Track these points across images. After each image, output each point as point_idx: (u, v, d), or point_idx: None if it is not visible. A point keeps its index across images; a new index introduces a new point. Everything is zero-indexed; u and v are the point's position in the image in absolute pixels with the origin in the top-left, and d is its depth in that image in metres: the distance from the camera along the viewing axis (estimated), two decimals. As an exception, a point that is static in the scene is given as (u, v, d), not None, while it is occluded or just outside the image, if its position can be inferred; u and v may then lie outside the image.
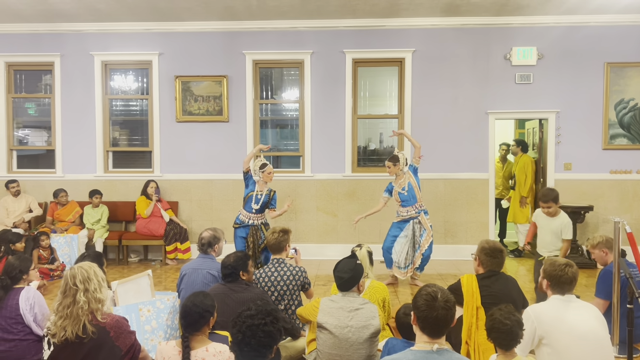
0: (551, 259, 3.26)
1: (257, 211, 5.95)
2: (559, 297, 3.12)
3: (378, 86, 8.25)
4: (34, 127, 8.48)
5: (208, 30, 7.87)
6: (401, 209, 6.24)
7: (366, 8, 7.23)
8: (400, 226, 6.25)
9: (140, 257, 7.99)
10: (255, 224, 5.94)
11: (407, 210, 6.20)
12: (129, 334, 2.95)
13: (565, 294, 3.12)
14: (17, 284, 3.61)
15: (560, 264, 3.13)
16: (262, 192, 5.99)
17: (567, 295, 3.12)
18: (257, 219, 5.97)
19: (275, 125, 8.40)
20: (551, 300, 3.15)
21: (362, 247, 4.22)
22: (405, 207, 6.20)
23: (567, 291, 3.12)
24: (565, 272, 3.09)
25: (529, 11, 7.35)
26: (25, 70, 8.27)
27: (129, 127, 8.37)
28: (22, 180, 7.88)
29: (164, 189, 7.96)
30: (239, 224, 6.00)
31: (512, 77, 7.71)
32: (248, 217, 5.95)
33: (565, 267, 3.11)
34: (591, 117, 7.67)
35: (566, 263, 3.15)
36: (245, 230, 5.96)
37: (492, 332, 2.72)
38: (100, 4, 7.07)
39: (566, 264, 3.13)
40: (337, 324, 3.27)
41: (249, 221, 5.94)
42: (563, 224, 5.16)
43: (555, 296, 3.13)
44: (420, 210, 6.22)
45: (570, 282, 3.10)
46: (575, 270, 3.14)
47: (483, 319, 3.40)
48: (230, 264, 3.77)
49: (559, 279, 3.10)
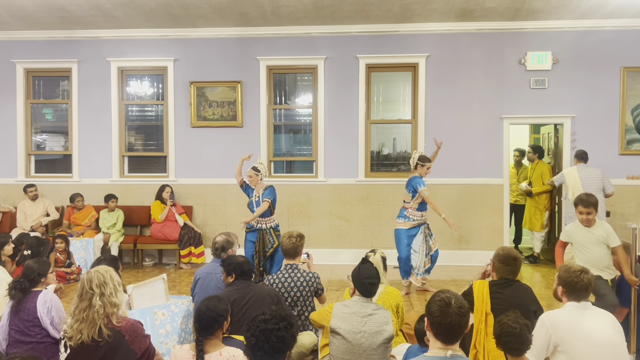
0: (565, 265, 3.23)
1: (262, 215, 6.06)
2: (575, 303, 3.08)
3: (391, 91, 8.25)
4: (51, 132, 8.62)
5: (222, 36, 7.94)
6: (416, 212, 6.14)
7: (380, 13, 7.25)
8: (412, 233, 6.16)
9: (154, 261, 8.06)
10: (263, 227, 6.05)
11: (421, 214, 6.16)
12: (144, 338, 2.98)
13: (580, 300, 3.08)
14: (35, 287, 3.66)
15: (575, 270, 3.11)
16: (259, 195, 6.12)
17: (582, 302, 3.08)
18: (265, 223, 6.08)
19: (289, 131, 8.43)
20: (567, 307, 3.11)
21: (376, 253, 4.21)
22: (420, 212, 6.17)
23: (582, 298, 3.08)
24: (581, 279, 3.06)
25: (543, 16, 7.31)
26: (43, 76, 8.40)
27: (144, 132, 8.46)
28: (39, 185, 8.00)
29: (179, 193, 8.02)
30: (249, 229, 6.12)
31: (526, 81, 7.66)
32: (256, 222, 6.07)
33: (580, 273, 3.08)
34: (607, 122, 7.59)
35: (581, 269, 3.12)
36: (254, 234, 6.08)
37: (502, 338, 2.69)
38: (117, 11, 7.18)
39: (581, 270, 3.11)
40: (350, 329, 3.27)
41: (257, 225, 6.07)
42: (607, 231, 4.48)
43: (571, 303, 3.10)
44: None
45: (586, 289, 3.07)
46: (591, 277, 3.11)
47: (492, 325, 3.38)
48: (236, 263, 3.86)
49: (574, 285, 3.06)
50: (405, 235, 6.15)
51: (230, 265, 3.86)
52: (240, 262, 3.86)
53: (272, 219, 6.13)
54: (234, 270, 3.82)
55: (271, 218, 6.12)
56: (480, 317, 3.51)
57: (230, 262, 3.90)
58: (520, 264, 3.66)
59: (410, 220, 6.15)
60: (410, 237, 6.14)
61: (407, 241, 6.14)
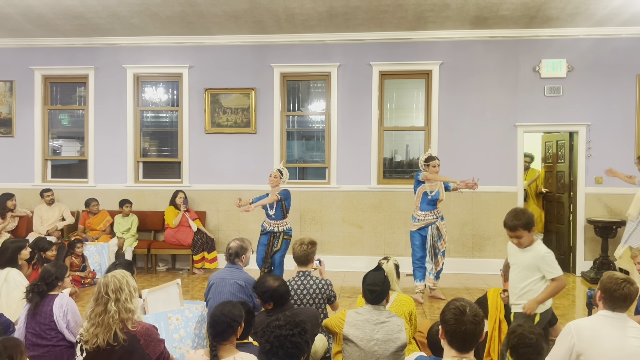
0: (611, 272, 3.03)
1: (274, 217, 6.20)
2: (608, 313, 2.91)
3: (405, 98, 8.25)
4: (67, 137, 8.73)
5: (237, 43, 8.01)
6: (419, 212, 6.22)
7: (393, 21, 7.27)
8: (421, 233, 6.24)
9: (168, 266, 8.11)
10: (275, 230, 6.18)
11: (425, 214, 6.19)
12: (159, 342, 3.00)
13: (615, 310, 2.89)
14: (52, 291, 3.70)
15: (617, 278, 2.92)
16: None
17: (617, 312, 2.89)
18: (277, 226, 6.22)
19: (302, 137, 8.47)
20: (597, 315, 2.96)
21: (389, 260, 4.21)
22: (423, 212, 6.20)
23: (618, 308, 2.89)
24: (621, 287, 2.86)
25: (558, 23, 7.28)
26: (60, 82, 8.53)
27: (159, 138, 8.54)
28: (55, 189, 8.10)
29: (192, 199, 8.08)
30: (262, 231, 6.30)
31: (541, 89, 7.63)
32: (269, 224, 6.24)
33: (623, 282, 2.90)
34: (623, 131, 7.52)
35: (625, 279, 2.93)
36: (266, 237, 6.25)
37: (519, 349, 2.65)
38: (134, 18, 7.27)
39: (625, 280, 2.92)
40: (363, 336, 3.26)
41: (269, 227, 6.22)
42: (540, 258, 3.53)
43: (603, 312, 2.93)
44: (438, 216, 6.25)
45: (624, 299, 2.88)
46: (635, 289, 2.90)
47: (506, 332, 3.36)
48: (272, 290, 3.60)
49: (613, 292, 2.87)
50: (416, 235, 6.26)
51: (265, 294, 3.58)
52: (274, 288, 3.58)
53: (285, 222, 6.23)
54: (270, 298, 3.59)
55: (284, 221, 6.22)
56: (494, 324, 3.50)
57: (263, 290, 3.60)
58: None
59: (416, 221, 6.26)
60: (422, 237, 6.22)
61: (418, 242, 6.24)
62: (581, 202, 7.60)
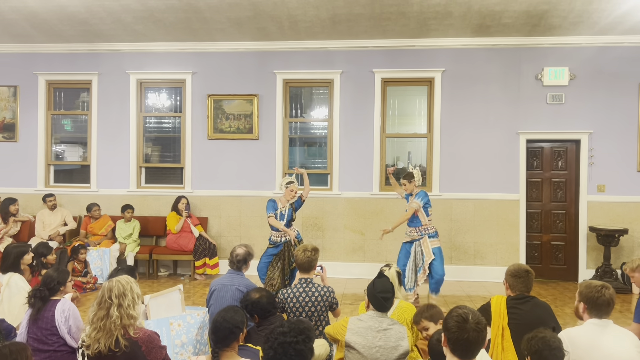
0: (587, 281, 3.18)
1: (287, 225, 6.06)
2: (596, 321, 3.03)
3: (407, 105, 8.26)
4: (70, 142, 8.76)
5: (240, 50, 8.04)
6: (407, 227, 6.25)
7: (396, 29, 7.29)
8: (407, 248, 6.25)
9: (169, 271, 8.10)
10: (289, 239, 6.00)
11: (410, 230, 6.21)
12: (160, 349, 2.99)
13: (602, 317, 3.03)
14: (54, 296, 3.70)
15: (596, 286, 3.06)
16: (285, 208, 6.11)
17: (604, 319, 3.03)
18: (289, 234, 6.02)
19: (304, 143, 8.48)
20: (587, 324, 3.06)
21: (391, 267, 4.20)
22: (409, 227, 6.22)
23: (604, 314, 3.03)
24: (602, 294, 3.02)
25: (560, 32, 7.30)
26: (64, 88, 8.56)
27: (161, 143, 8.56)
28: (58, 195, 8.11)
29: (194, 204, 8.09)
30: (272, 244, 6.08)
31: (543, 97, 7.64)
32: (279, 236, 6.03)
33: (601, 288, 3.04)
34: (625, 139, 7.53)
35: (602, 285, 3.08)
36: (278, 249, 6.03)
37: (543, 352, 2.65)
38: (138, 25, 7.31)
39: (602, 286, 3.06)
40: (366, 344, 3.26)
41: (281, 239, 6.01)
42: None
43: (592, 320, 3.05)
44: (424, 233, 6.11)
45: (608, 305, 3.02)
46: (613, 293, 3.07)
47: (508, 339, 3.37)
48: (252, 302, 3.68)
49: (596, 300, 3.02)
50: (404, 246, 6.30)
51: (247, 307, 3.67)
52: (254, 300, 3.67)
53: (293, 228, 6.16)
54: (253, 311, 3.66)
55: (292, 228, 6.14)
56: (497, 332, 3.49)
57: (246, 303, 3.70)
58: (532, 276, 3.69)
59: (406, 235, 6.29)
60: (406, 251, 6.23)
61: (402, 253, 6.28)
62: (583, 210, 7.59)
